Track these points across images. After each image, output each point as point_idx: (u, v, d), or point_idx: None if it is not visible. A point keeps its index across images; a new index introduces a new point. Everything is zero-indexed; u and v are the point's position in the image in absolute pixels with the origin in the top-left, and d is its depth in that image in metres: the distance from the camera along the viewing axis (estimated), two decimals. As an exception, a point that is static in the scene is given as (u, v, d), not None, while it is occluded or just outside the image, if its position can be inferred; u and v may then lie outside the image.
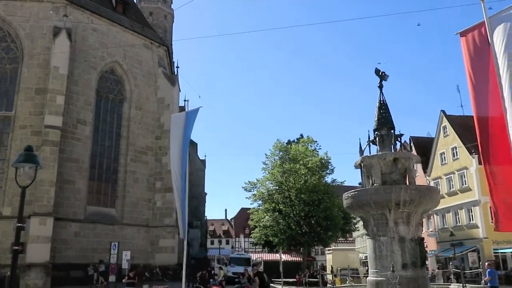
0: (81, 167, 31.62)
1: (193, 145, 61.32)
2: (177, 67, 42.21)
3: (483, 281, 12.58)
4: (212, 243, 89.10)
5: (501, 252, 35.62)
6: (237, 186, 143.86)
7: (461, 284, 16.30)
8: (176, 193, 16.67)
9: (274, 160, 40.28)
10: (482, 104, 9.83)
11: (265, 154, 42.10)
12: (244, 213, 61.94)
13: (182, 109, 38.62)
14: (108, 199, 34.52)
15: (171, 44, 55.87)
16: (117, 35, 35.96)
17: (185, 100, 19.64)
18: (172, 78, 40.19)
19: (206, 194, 68.28)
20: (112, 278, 23.79)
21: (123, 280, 21.03)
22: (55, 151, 28.63)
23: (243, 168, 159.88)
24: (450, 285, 20.52)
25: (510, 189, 9.08)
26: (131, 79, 36.95)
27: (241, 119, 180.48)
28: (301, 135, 48.87)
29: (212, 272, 38.86)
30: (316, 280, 22.55)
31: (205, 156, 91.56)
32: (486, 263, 14.21)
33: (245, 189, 41.52)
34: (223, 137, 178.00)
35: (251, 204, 42.95)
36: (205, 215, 71.40)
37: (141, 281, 28.46)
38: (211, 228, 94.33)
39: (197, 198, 61.51)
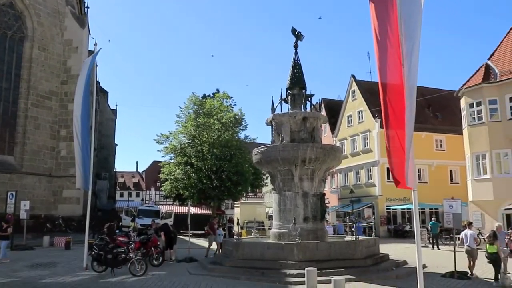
0: (-28, 109, 28.77)
1: (104, 93, 58.29)
2: (87, 7, 39.15)
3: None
4: (121, 195, 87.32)
5: (393, 209, 39.23)
6: (149, 138, 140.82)
7: (354, 236, 17.80)
8: (77, 141, 15.97)
9: (188, 113, 39.75)
10: (384, 70, 10.34)
11: (179, 107, 41.48)
12: (155, 166, 60.99)
13: (92, 53, 36.23)
14: (5, 146, 32.04)
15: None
16: (17, -35, 32.30)
17: (94, 44, 18.28)
18: (81, 19, 37.30)
19: (116, 145, 66.09)
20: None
21: None
22: None
23: (156, 120, 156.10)
24: (345, 236, 22.27)
25: (402, 151, 9.83)
26: (34, 16, 33.68)
27: (155, 70, 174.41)
28: (217, 90, 48.57)
29: (120, 224, 38.34)
30: (224, 232, 23.18)
31: (116, 105, 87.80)
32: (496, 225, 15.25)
33: (157, 142, 40.75)
34: (136, 87, 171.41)
35: (162, 157, 42.38)
36: (115, 166, 69.39)
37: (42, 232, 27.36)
38: (121, 180, 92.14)
39: (106, 149, 59.30)
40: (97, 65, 19.34)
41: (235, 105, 44.07)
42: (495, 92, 27.24)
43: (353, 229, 25.95)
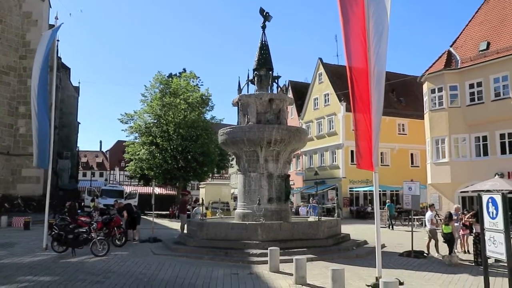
0: None
1: (66, 69, 56.30)
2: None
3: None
4: (84, 175, 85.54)
5: (355, 191, 40.21)
6: (113, 117, 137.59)
7: (317, 217, 18.13)
8: (35, 118, 15.48)
9: (154, 92, 39.00)
10: (350, 54, 10.45)
11: (145, 86, 40.60)
12: (120, 146, 59.85)
13: (53, 27, 34.81)
14: (-41, 123, 30.65)
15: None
16: None
17: (56, 18, 17.54)
18: (41, -10, 35.67)
19: (79, 123, 64.24)
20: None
21: None
22: None
23: (120, 99, 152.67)
24: (309, 217, 22.66)
25: (366, 134, 10.04)
26: (-12, -16, 31.99)
27: (120, 48, 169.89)
28: (184, 69, 47.84)
29: (82, 204, 37.66)
30: (189, 212, 23.14)
31: (79, 83, 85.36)
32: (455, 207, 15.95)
33: (121, 121, 39.87)
34: (100, 65, 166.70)
35: (127, 136, 41.56)
36: (77, 145, 67.61)
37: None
38: (83, 159, 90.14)
39: (68, 127, 57.55)
40: (58, 40, 18.66)
41: (202, 85, 43.62)
42: (456, 79, 28.08)
43: (309, 209, 27.09)
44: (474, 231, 13.86)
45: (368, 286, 9.43)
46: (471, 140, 27.38)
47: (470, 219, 14.76)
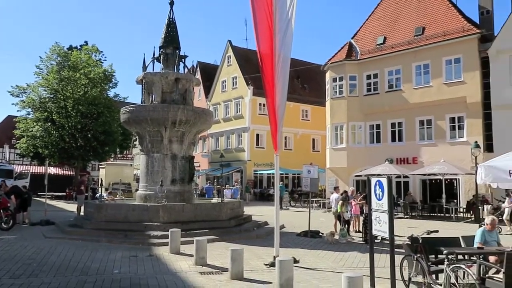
0: None
1: None
2: None
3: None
4: (-33, 152, 77.26)
5: (259, 173, 41.22)
6: (2, 89, 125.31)
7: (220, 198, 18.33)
8: None
9: (51, 65, 36.13)
10: (259, 39, 10.54)
11: (40, 57, 37.41)
12: (10, 121, 54.69)
13: None
14: None
15: None
16: None
17: None
18: None
19: (-39, 94, 57.63)
20: None
21: None
22: None
23: (11, 69, 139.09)
24: (212, 199, 22.78)
25: (272, 118, 10.27)
26: None
27: (14, 12, 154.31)
28: (86, 42, 44.91)
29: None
30: (87, 194, 21.99)
31: (-38, 49, 76.19)
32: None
33: (12, 94, 36.39)
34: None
35: (18, 111, 38.08)
36: (-41, 119, 60.64)
37: None
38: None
39: None
40: None
41: (105, 60, 41.26)
42: (355, 69, 29.86)
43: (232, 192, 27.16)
44: (364, 212, 14.94)
45: (266, 265, 9.74)
46: (367, 127, 29.43)
47: (361, 201, 15.88)
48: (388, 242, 7.15)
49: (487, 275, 7.16)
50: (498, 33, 24.43)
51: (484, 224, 8.42)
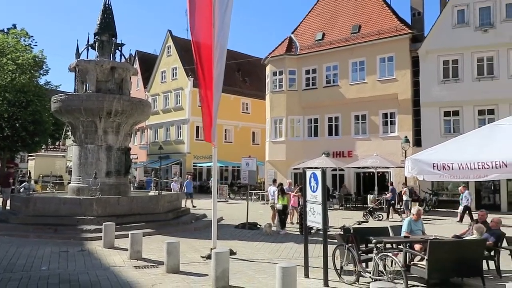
0: None
1: None
2: None
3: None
4: None
5: (199, 166, 40.91)
6: None
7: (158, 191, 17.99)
8: None
9: (-27, 49, 33.54)
10: (196, 29, 10.39)
11: (-39, 39, 34.58)
12: None
13: None
14: None
15: None
16: None
17: None
18: None
19: None
20: None
21: None
22: None
23: None
24: (150, 191, 22.35)
25: (207, 110, 10.19)
26: None
27: None
28: (14, 25, 42.01)
29: None
30: (13, 187, 20.69)
31: None
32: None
33: None
34: None
35: None
36: None
37: None
38: None
39: None
40: None
41: (35, 45, 38.96)
42: (295, 64, 30.37)
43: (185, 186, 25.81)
44: (300, 204, 15.25)
45: (203, 257, 9.71)
46: (305, 121, 30.07)
47: (297, 193, 16.20)
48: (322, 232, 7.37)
49: (412, 263, 7.60)
50: (427, 34, 25.82)
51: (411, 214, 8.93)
